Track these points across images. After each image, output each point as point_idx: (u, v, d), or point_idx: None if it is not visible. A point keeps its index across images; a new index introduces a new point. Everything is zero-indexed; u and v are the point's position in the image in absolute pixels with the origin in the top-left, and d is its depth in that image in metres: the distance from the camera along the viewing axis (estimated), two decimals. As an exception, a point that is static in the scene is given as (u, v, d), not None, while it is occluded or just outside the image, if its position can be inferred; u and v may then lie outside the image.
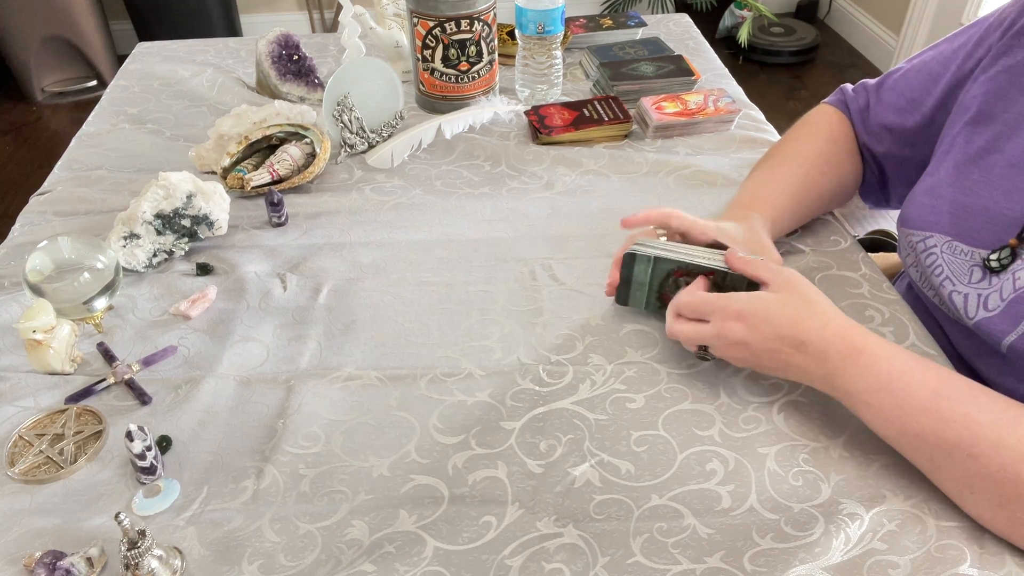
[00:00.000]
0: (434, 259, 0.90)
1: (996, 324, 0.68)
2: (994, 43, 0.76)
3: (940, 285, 0.74)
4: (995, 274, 0.69)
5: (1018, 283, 0.66)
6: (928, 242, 0.76)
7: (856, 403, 0.63)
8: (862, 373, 0.61)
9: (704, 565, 0.58)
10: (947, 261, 0.74)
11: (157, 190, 0.87)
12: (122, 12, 3.04)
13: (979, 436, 0.57)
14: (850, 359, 0.62)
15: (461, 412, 0.71)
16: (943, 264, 0.74)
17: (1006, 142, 0.71)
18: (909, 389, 0.60)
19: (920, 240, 0.77)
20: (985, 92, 0.75)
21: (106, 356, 0.77)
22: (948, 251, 0.74)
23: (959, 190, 0.74)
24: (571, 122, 1.10)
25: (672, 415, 0.70)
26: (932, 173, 0.78)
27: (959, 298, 0.72)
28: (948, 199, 0.74)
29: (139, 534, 0.56)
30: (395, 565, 0.59)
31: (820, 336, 0.63)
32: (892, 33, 3.07)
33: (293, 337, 0.79)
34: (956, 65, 0.80)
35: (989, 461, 0.56)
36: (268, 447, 0.68)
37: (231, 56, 1.36)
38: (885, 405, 0.61)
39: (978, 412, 0.57)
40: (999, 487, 0.56)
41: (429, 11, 1.06)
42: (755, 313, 0.65)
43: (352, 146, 1.07)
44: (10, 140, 2.79)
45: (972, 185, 0.73)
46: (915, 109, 0.84)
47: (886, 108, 0.87)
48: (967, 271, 0.72)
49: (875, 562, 0.58)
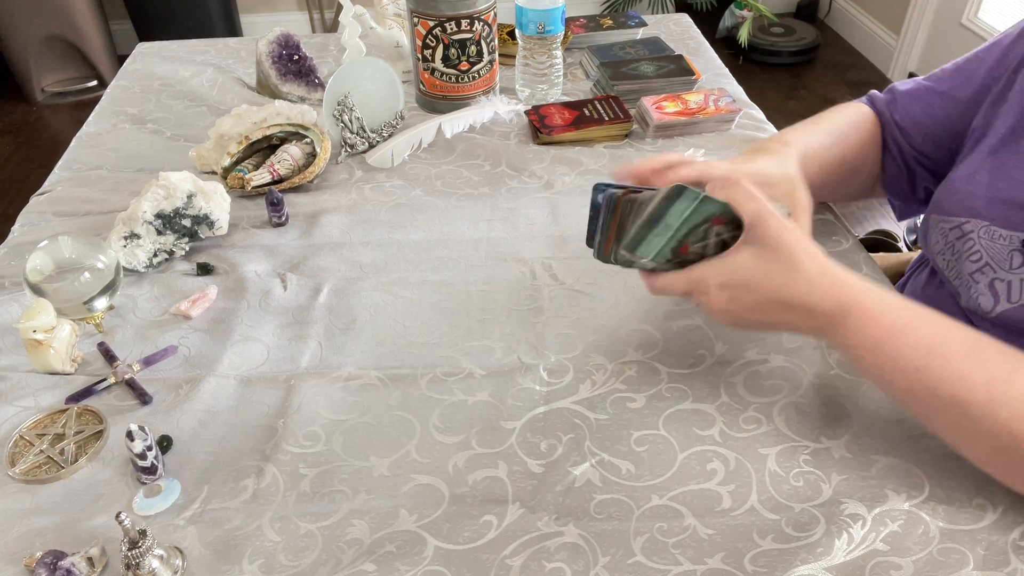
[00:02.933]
0: (434, 259, 0.90)
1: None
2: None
3: (979, 271, 0.72)
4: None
5: None
6: (965, 227, 0.74)
7: (849, 356, 0.62)
8: (853, 331, 0.60)
9: (705, 566, 0.58)
10: (985, 247, 0.72)
11: (157, 190, 0.87)
12: (122, 12, 3.04)
13: (972, 393, 0.56)
14: (839, 319, 0.60)
15: (461, 412, 0.71)
16: (981, 250, 0.72)
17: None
18: (900, 348, 0.59)
19: (955, 227, 0.75)
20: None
21: (106, 356, 0.77)
22: (986, 236, 0.72)
23: (995, 175, 0.72)
24: (571, 122, 1.10)
25: (672, 415, 0.70)
26: (967, 159, 0.77)
27: (1002, 286, 0.70)
28: (985, 184, 0.73)
29: (140, 534, 0.56)
30: (396, 564, 0.59)
31: (807, 298, 0.61)
32: (892, 33, 3.07)
33: (293, 337, 0.79)
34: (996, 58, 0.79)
35: (983, 417, 0.56)
36: (268, 447, 0.68)
37: (231, 56, 1.36)
38: (876, 362, 0.60)
39: (972, 370, 0.57)
40: (994, 439, 0.56)
41: (429, 11, 1.06)
42: (737, 284, 0.62)
43: (352, 146, 1.07)
44: (10, 140, 2.79)
45: (1008, 170, 0.72)
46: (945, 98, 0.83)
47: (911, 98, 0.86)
48: (1007, 256, 0.70)
49: (877, 563, 0.58)
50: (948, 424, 0.59)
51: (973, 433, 0.57)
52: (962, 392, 0.57)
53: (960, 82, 0.82)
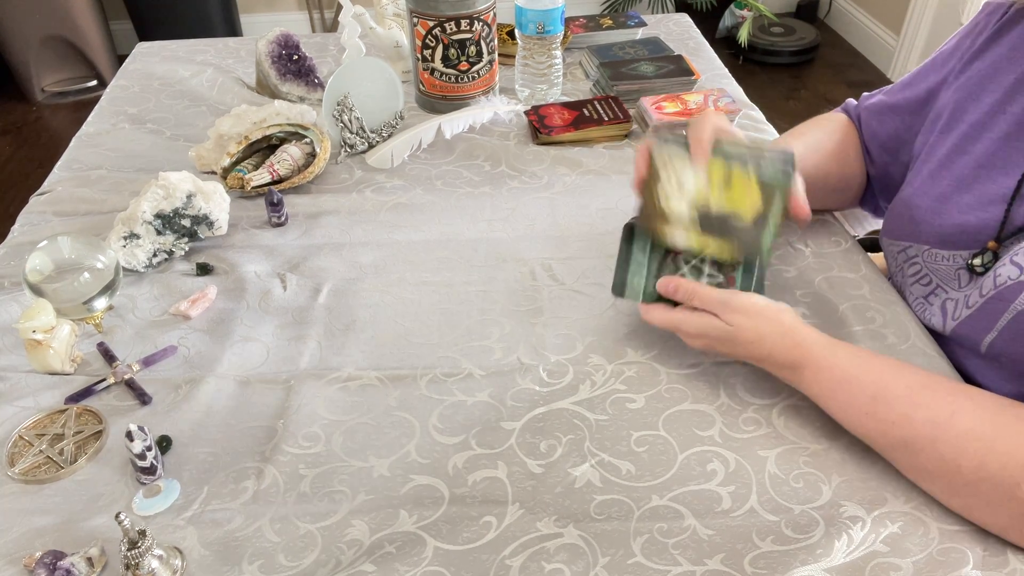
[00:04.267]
0: (434, 259, 0.89)
1: (975, 322, 0.68)
2: (966, 50, 0.77)
3: (932, 294, 0.75)
4: (981, 276, 0.70)
5: (998, 280, 0.67)
6: (909, 252, 0.77)
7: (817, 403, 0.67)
8: (808, 383, 0.66)
9: (704, 567, 0.58)
10: (932, 269, 0.75)
11: (157, 190, 0.87)
12: (122, 12, 3.04)
13: (917, 434, 0.60)
14: (798, 373, 0.67)
15: (461, 412, 0.71)
16: (929, 273, 0.75)
17: (973, 143, 0.72)
18: (850, 395, 0.64)
19: (901, 250, 0.78)
20: (956, 99, 0.76)
21: (106, 356, 0.77)
22: (930, 259, 0.75)
23: (933, 198, 0.75)
24: (571, 122, 1.10)
25: (672, 415, 0.70)
26: (908, 183, 0.79)
27: (951, 304, 0.72)
28: (923, 208, 0.75)
29: (139, 534, 0.56)
30: (395, 565, 0.59)
31: (771, 358, 0.67)
32: (892, 33, 3.07)
33: (293, 337, 0.79)
34: (932, 74, 0.81)
35: (930, 457, 0.59)
36: (268, 447, 0.68)
37: (231, 56, 1.36)
38: (834, 408, 0.65)
39: (914, 412, 0.60)
40: (946, 478, 0.59)
41: (429, 11, 1.06)
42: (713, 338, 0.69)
43: (352, 146, 1.07)
44: (10, 140, 2.79)
45: (945, 191, 0.74)
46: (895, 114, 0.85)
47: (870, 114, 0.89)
48: (954, 276, 0.73)
49: (877, 564, 0.58)
50: (904, 464, 0.62)
51: (927, 472, 0.60)
52: (907, 433, 0.60)
53: (909, 95, 0.84)
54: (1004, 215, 0.68)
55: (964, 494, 0.59)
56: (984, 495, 0.57)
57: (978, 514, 0.59)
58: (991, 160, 0.70)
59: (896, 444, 0.61)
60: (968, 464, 0.57)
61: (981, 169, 0.71)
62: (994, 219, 0.69)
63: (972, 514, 0.59)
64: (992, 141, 0.71)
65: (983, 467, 0.57)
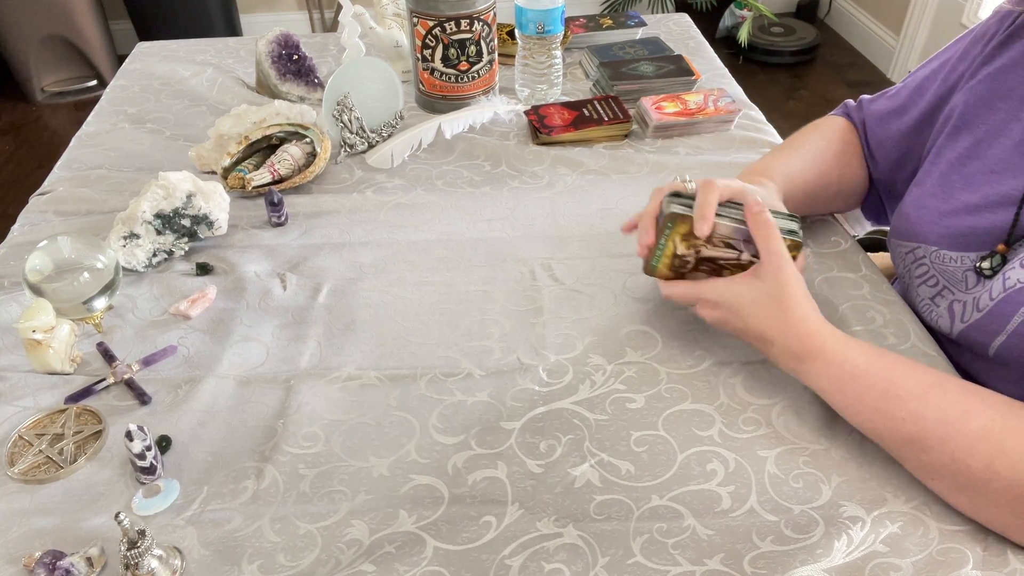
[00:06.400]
0: (434, 259, 0.89)
1: (984, 325, 0.68)
2: (976, 55, 0.77)
3: (938, 295, 0.75)
4: (988, 279, 0.70)
5: (1008, 283, 0.67)
6: (917, 252, 0.77)
7: (822, 397, 0.67)
8: (816, 375, 0.66)
9: (704, 567, 0.58)
10: (939, 270, 0.75)
11: (157, 190, 0.87)
12: (122, 12, 3.04)
13: (927, 432, 0.60)
14: (806, 363, 0.66)
15: (461, 412, 0.71)
16: (936, 274, 0.75)
17: (987, 148, 0.73)
18: (859, 390, 0.64)
19: (909, 251, 0.78)
20: (966, 101, 0.76)
21: (106, 356, 0.77)
22: (937, 260, 0.75)
23: (942, 199, 0.75)
24: (571, 122, 1.10)
25: (672, 415, 0.70)
26: (918, 184, 0.79)
27: (959, 306, 0.72)
28: (933, 209, 0.75)
29: (139, 534, 0.56)
30: (395, 565, 0.59)
31: (782, 339, 0.67)
32: (892, 33, 3.07)
33: (293, 337, 0.79)
34: (941, 78, 0.81)
35: (940, 455, 0.59)
36: (268, 447, 0.68)
37: (231, 56, 1.36)
38: (841, 403, 0.65)
39: (925, 409, 0.60)
40: (954, 477, 0.59)
41: (429, 11, 1.06)
42: (728, 307, 0.69)
43: (352, 146, 1.07)
44: (10, 140, 2.79)
45: (955, 193, 0.74)
46: (901, 117, 0.85)
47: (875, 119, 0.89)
48: (962, 278, 0.73)
49: (877, 564, 0.58)
50: (911, 461, 0.62)
51: (935, 470, 0.60)
52: (917, 431, 0.60)
53: (917, 101, 0.84)
54: (1014, 218, 0.69)
55: (971, 493, 0.59)
56: (991, 494, 0.57)
57: (983, 512, 0.59)
58: (1003, 165, 0.71)
59: (905, 441, 0.61)
60: (977, 464, 0.57)
61: (992, 173, 0.71)
62: (1004, 222, 0.70)
63: (977, 512, 0.60)
64: (1006, 147, 0.71)
65: (992, 467, 0.57)
